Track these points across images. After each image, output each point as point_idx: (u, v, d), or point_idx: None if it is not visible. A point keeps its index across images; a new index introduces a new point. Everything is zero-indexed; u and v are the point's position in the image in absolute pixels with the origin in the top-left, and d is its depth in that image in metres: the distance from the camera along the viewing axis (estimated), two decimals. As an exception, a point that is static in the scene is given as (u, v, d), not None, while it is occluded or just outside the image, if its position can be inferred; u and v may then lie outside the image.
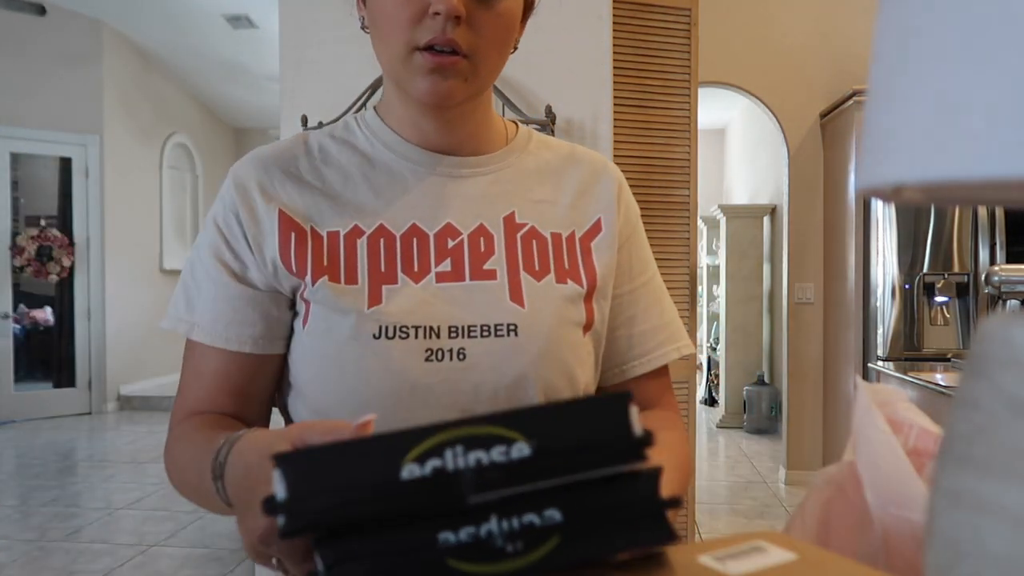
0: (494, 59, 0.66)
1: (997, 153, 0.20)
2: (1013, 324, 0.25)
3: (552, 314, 0.68)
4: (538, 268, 0.69)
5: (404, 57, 0.64)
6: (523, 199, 0.72)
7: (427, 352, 0.64)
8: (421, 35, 0.62)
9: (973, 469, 0.25)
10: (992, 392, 0.25)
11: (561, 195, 0.74)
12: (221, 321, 0.67)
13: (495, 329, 0.66)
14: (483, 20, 0.63)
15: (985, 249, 3.23)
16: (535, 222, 0.71)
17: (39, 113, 5.73)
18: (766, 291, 5.49)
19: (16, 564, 2.92)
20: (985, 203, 0.31)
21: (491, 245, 0.69)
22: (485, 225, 0.70)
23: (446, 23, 0.61)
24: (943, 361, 3.18)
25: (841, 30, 3.87)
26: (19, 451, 4.83)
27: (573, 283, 0.70)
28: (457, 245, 0.68)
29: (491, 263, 0.68)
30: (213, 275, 0.68)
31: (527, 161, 0.75)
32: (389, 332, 0.64)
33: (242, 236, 0.68)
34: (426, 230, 0.68)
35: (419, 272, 0.67)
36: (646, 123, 2.81)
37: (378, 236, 0.68)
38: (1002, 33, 0.20)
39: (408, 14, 0.62)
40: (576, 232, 0.73)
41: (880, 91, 0.25)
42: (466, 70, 0.64)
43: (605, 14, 2.32)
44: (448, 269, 0.67)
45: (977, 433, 0.25)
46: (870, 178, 0.25)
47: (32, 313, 5.94)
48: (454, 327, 0.65)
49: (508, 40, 0.67)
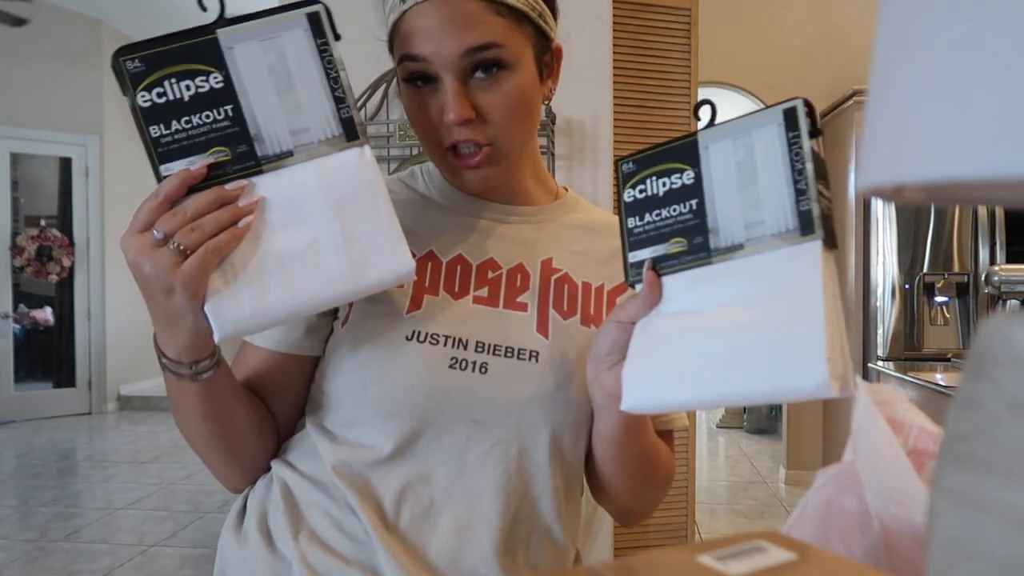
0: (517, 133, 0.71)
1: (999, 153, 0.20)
2: (1013, 324, 0.25)
3: (574, 350, 0.73)
4: (566, 308, 0.75)
5: (439, 157, 0.71)
6: (562, 249, 0.78)
7: (452, 360, 0.69)
8: (445, 135, 0.68)
9: (973, 469, 0.25)
10: (992, 392, 0.25)
11: (597, 252, 0.80)
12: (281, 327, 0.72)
13: (518, 352, 0.71)
14: (493, 107, 0.68)
15: (985, 249, 3.23)
16: (569, 270, 0.77)
17: (39, 113, 5.73)
18: (766, 291, 5.48)
19: (16, 564, 2.92)
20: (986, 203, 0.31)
21: (527, 282, 0.75)
22: (524, 264, 0.76)
23: (457, 128, 0.67)
24: (943, 361, 3.18)
25: (841, 30, 3.87)
26: (19, 451, 4.83)
27: (595, 328, 0.75)
28: (496, 277, 0.74)
29: (524, 297, 0.74)
30: None
31: (571, 218, 0.82)
32: (420, 337, 0.69)
33: None
34: (471, 261, 0.75)
35: (459, 292, 0.73)
36: (646, 123, 2.81)
37: (427, 259, 0.74)
38: (1003, 33, 0.20)
39: (429, 118, 0.68)
40: (606, 285, 0.79)
41: (881, 91, 0.25)
42: (494, 156, 0.70)
43: (605, 14, 2.32)
44: (485, 295, 0.73)
45: (977, 433, 0.25)
46: (871, 178, 0.25)
47: (32, 313, 5.94)
48: (481, 343, 0.71)
49: (527, 111, 0.71)
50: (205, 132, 0.60)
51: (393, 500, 0.69)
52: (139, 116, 0.61)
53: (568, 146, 2.35)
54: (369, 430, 0.70)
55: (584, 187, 2.36)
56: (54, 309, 6.02)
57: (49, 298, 6.02)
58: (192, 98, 0.60)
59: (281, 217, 0.60)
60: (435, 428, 0.69)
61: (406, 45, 0.67)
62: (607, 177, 2.36)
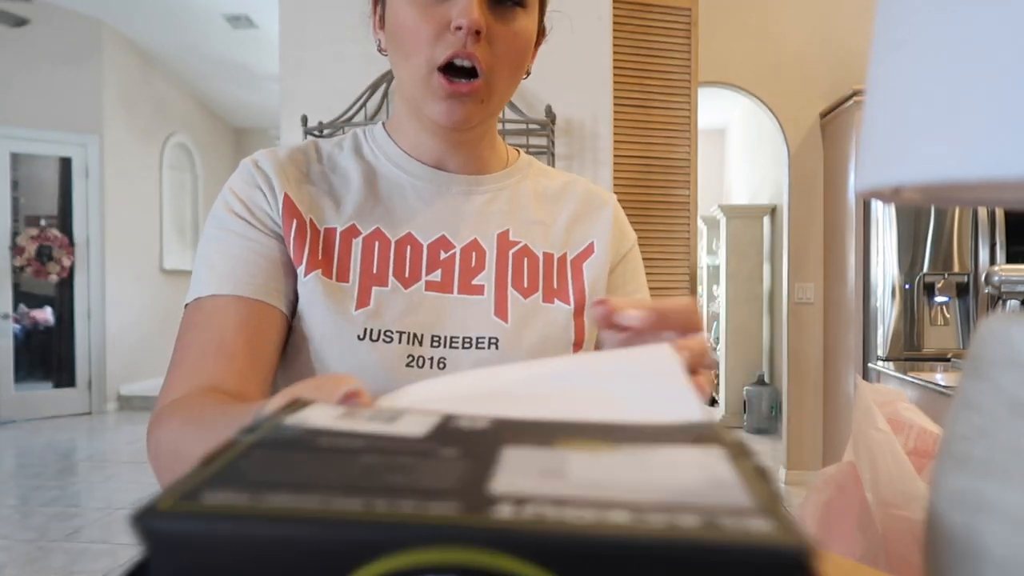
0: (508, 79, 0.67)
1: (995, 154, 0.20)
2: (1012, 325, 0.25)
3: (535, 332, 0.69)
4: (527, 285, 0.71)
5: (424, 77, 0.65)
6: (519, 219, 0.74)
7: (408, 358, 0.65)
8: (441, 51, 0.63)
9: (973, 470, 0.25)
10: (992, 393, 0.25)
11: (557, 219, 0.76)
12: (250, 271, 0.65)
13: (476, 342, 0.67)
14: (501, 37, 0.64)
15: (985, 249, 3.23)
16: (528, 241, 0.73)
17: (39, 113, 5.72)
18: (766, 291, 5.49)
19: (16, 564, 2.92)
20: (984, 203, 0.31)
21: (482, 260, 0.71)
22: (479, 240, 0.71)
23: (467, 37, 0.62)
24: (943, 361, 3.18)
25: (841, 30, 3.87)
26: (19, 451, 4.82)
27: (560, 301, 0.71)
28: (449, 258, 0.70)
29: (480, 278, 0.70)
30: (238, 231, 0.67)
31: (526, 185, 0.77)
32: (373, 335, 0.65)
33: (265, 203, 0.68)
34: (420, 240, 0.70)
35: (410, 278, 0.68)
36: (646, 123, 2.81)
37: (373, 239, 0.69)
38: (999, 35, 0.20)
39: (430, 29, 0.63)
40: (568, 254, 0.74)
41: (878, 93, 0.25)
42: (482, 92, 0.65)
43: (605, 14, 2.32)
44: (438, 279, 0.69)
45: (977, 434, 0.25)
46: (869, 180, 0.25)
47: (32, 313, 5.93)
48: (436, 336, 0.67)
49: (522, 61, 0.68)
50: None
51: None
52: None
53: (568, 146, 2.35)
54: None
55: (584, 187, 2.36)
56: (54, 309, 6.01)
57: (49, 298, 6.02)
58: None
59: None
60: None
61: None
62: (607, 177, 2.36)
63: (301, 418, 0.28)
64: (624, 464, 0.23)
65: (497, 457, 0.24)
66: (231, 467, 0.22)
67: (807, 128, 3.96)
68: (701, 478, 0.22)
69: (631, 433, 0.27)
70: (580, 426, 0.27)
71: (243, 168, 0.71)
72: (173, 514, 0.19)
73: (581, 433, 0.26)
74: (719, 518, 0.19)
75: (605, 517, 0.19)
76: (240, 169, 0.71)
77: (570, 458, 0.24)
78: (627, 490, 0.21)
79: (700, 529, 0.18)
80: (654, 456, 0.24)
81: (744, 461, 0.24)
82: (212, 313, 0.64)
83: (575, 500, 0.20)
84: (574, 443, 0.25)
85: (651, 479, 0.22)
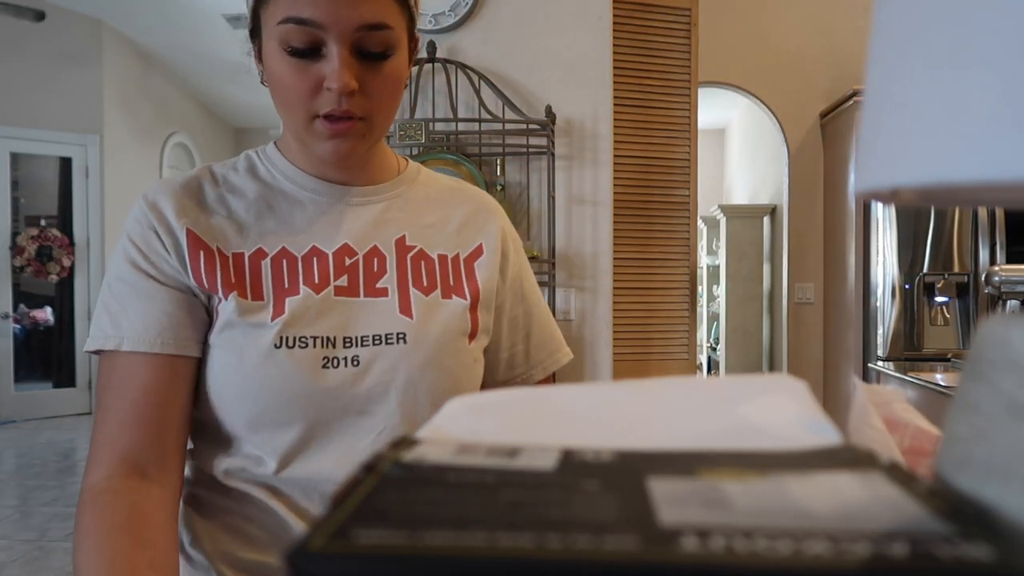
0: (387, 112, 0.72)
1: (994, 156, 0.20)
2: (1012, 326, 0.25)
3: (438, 324, 0.75)
4: (426, 284, 0.77)
5: (305, 123, 0.69)
6: (413, 224, 0.79)
7: (324, 360, 0.70)
8: (319, 106, 0.67)
9: (973, 472, 0.25)
10: (992, 395, 0.25)
11: (448, 222, 0.82)
12: (154, 328, 0.69)
13: (385, 338, 0.72)
14: (374, 85, 0.68)
15: (985, 249, 3.23)
16: (423, 245, 0.79)
17: (39, 113, 5.73)
18: (766, 291, 5.49)
19: (16, 564, 2.92)
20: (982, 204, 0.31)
21: (383, 265, 0.76)
22: (379, 247, 0.76)
23: (340, 97, 0.66)
24: (943, 361, 3.18)
25: (841, 30, 3.87)
26: (19, 451, 4.83)
27: (457, 297, 0.78)
28: (353, 264, 0.75)
29: (383, 282, 0.75)
30: (139, 286, 0.70)
31: (417, 191, 0.82)
32: (289, 342, 0.69)
33: (161, 247, 0.71)
34: (325, 250, 0.74)
35: (320, 284, 0.73)
36: (646, 123, 2.81)
37: (281, 257, 0.73)
38: (998, 35, 0.20)
39: (305, 87, 0.67)
40: (460, 254, 0.81)
41: (876, 94, 0.25)
42: (363, 129, 0.70)
43: (605, 14, 2.32)
44: (345, 284, 0.74)
45: (976, 436, 0.25)
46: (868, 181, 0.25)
47: (32, 313, 5.94)
48: (348, 338, 0.71)
49: (398, 94, 0.72)
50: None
51: (302, 494, 0.71)
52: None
53: (568, 146, 2.35)
54: (254, 447, 0.71)
55: (584, 186, 2.36)
56: (54, 309, 6.02)
57: (49, 298, 6.02)
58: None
59: None
60: (322, 429, 0.70)
61: (295, 7, 0.64)
62: (607, 177, 2.36)
63: (418, 455, 0.26)
64: (784, 492, 0.22)
65: (646, 489, 0.22)
66: (369, 504, 0.21)
67: (807, 128, 3.96)
68: (877, 504, 0.21)
69: (772, 460, 0.25)
70: (714, 455, 0.26)
71: (139, 210, 0.73)
72: (328, 555, 0.18)
73: (719, 462, 0.25)
74: (927, 546, 0.18)
75: (803, 548, 0.18)
76: (135, 211, 0.73)
77: (724, 487, 0.22)
78: (806, 518, 0.20)
79: (915, 559, 0.18)
80: (811, 483, 0.23)
81: (913, 484, 0.23)
82: (124, 377, 0.69)
83: (760, 530, 0.19)
84: (718, 472, 0.24)
85: (823, 506, 0.21)
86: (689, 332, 2.88)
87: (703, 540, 0.18)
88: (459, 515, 0.20)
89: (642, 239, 2.82)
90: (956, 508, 0.21)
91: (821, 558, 0.18)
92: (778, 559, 0.17)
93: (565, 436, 0.29)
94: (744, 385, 0.36)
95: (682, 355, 2.87)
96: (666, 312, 2.87)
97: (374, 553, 0.18)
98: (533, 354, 0.88)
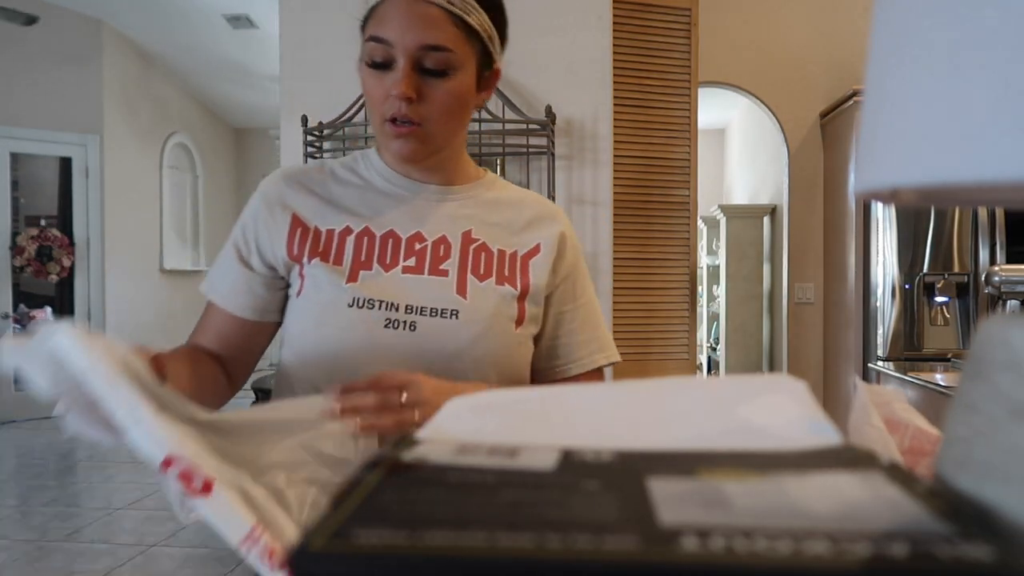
0: (446, 125, 0.85)
1: (994, 156, 0.20)
2: (1012, 327, 0.25)
3: (489, 306, 0.87)
4: (483, 272, 0.89)
5: (379, 125, 0.84)
6: (480, 221, 0.92)
7: (386, 321, 0.83)
8: (387, 109, 0.82)
9: (973, 472, 0.25)
10: (992, 395, 0.25)
11: (512, 223, 0.94)
12: (231, 292, 0.89)
13: (441, 312, 0.85)
14: (433, 96, 0.82)
15: (985, 249, 3.23)
16: (487, 239, 0.91)
17: (39, 113, 5.72)
18: (766, 291, 5.49)
19: (16, 564, 2.92)
20: (982, 204, 0.31)
21: (448, 252, 0.89)
22: (447, 236, 0.89)
23: (400, 103, 0.81)
24: (943, 361, 3.18)
25: (841, 30, 3.87)
26: (19, 451, 4.82)
27: (509, 286, 0.89)
28: (422, 248, 0.88)
29: (446, 265, 0.88)
30: (230, 258, 0.91)
31: (489, 195, 0.96)
32: (359, 303, 0.83)
33: (254, 238, 0.91)
34: (400, 235, 0.89)
35: (391, 264, 0.87)
36: (646, 123, 2.81)
37: (363, 235, 0.88)
38: (996, 38, 0.20)
39: (379, 94, 0.82)
40: (519, 251, 0.92)
41: (876, 95, 0.25)
42: (420, 134, 0.83)
43: (605, 14, 2.32)
44: (413, 264, 0.87)
45: (976, 436, 0.25)
46: (867, 181, 0.25)
47: (32, 313, 5.93)
48: (410, 306, 0.84)
49: (459, 109, 0.86)
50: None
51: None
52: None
53: (568, 146, 2.35)
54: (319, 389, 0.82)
55: (584, 186, 2.36)
56: (54, 309, 6.01)
57: (49, 298, 6.02)
58: None
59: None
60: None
61: (377, 28, 0.81)
62: (607, 177, 2.36)
63: (419, 454, 0.27)
64: (784, 492, 0.22)
65: (646, 489, 0.22)
66: (369, 504, 0.21)
67: (807, 128, 3.96)
68: (877, 504, 0.21)
69: (772, 460, 0.25)
70: (714, 455, 0.26)
71: (259, 195, 0.92)
72: (329, 554, 0.18)
73: (719, 462, 0.25)
74: (927, 546, 0.18)
75: (802, 548, 0.18)
76: (257, 195, 0.92)
77: (724, 487, 0.22)
78: (805, 518, 0.20)
79: (915, 558, 0.18)
80: (811, 483, 0.23)
81: (913, 484, 0.23)
82: (213, 319, 0.91)
83: (760, 530, 0.19)
84: (718, 472, 0.24)
85: (823, 506, 0.21)
86: (689, 332, 2.88)
87: (703, 540, 0.19)
88: (459, 515, 0.21)
89: (642, 239, 2.82)
90: (956, 508, 0.21)
91: (821, 558, 0.18)
92: (778, 559, 0.18)
93: (565, 436, 0.29)
94: (744, 385, 0.36)
95: (682, 355, 2.87)
96: (666, 312, 2.87)
97: (374, 553, 0.19)
98: (574, 350, 0.95)
